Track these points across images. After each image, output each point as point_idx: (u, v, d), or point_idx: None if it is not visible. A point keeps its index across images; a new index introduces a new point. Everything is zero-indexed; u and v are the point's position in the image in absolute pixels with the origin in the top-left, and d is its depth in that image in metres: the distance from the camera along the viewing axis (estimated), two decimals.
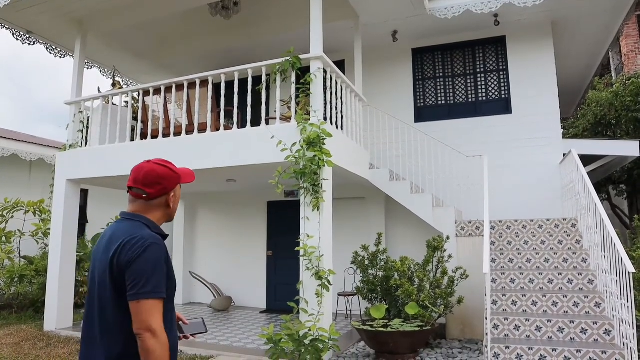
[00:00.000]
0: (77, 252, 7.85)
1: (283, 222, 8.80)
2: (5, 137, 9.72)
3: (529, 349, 4.42)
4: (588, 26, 7.80)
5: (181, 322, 2.02)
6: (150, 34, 8.66)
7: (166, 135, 6.76)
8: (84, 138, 7.37)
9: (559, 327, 4.67)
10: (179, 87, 6.76)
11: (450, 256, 6.06)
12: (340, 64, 8.69)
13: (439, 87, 8.21)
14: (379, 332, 5.11)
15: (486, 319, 4.64)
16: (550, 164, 7.25)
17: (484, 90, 7.92)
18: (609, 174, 9.05)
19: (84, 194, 11.03)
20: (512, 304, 5.13)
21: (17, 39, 7.76)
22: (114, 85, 8.10)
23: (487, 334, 4.56)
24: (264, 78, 5.91)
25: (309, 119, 5.40)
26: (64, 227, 7.02)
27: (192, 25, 8.46)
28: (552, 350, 4.36)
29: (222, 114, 6.17)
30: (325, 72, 5.78)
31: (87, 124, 7.50)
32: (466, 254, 6.28)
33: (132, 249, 1.63)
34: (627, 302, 4.15)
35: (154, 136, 6.90)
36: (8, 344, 6.01)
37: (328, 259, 5.20)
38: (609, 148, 7.26)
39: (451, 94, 8.12)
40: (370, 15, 7.33)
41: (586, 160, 7.17)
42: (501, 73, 7.85)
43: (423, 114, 8.20)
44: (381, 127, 8.04)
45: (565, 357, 4.31)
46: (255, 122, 6.58)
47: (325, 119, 5.67)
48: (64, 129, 7.71)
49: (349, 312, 7.80)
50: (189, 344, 5.83)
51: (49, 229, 7.68)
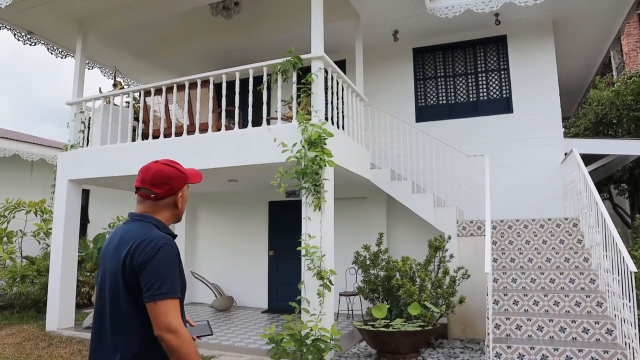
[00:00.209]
0: (79, 252, 7.86)
1: (284, 222, 8.81)
2: (6, 138, 9.74)
3: (531, 349, 4.42)
4: (589, 25, 7.79)
5: (187, 324, 2.02)
6: (150, 34, 8.67)
7: (167, 135, 6.76)
8: (86, 138, 7.38)
9: (561, 327, 4.67)
10: (180, 87, 6.76)
11: (451, 256, 6.07)
12: (341, 64, 8.68)
13: (439, 87, 8.20)
14: (380, 332, 5.11)
15: (488, 318, 4.64)
16: (551, 163, 7.24)
17: (485, 90, 7.92)
18: (611, 173, 9.05)
19: (86, 194, 11.05)
20: (513, 303, 5.13)
21: (19, 40, 7.77)
22: (115, 85, 8.11)
23: (488, 334, 4.57)
24: (265, 78, 5.91)
25: (310, 119, 5.41)
26: (65, 227, 7.03)
27: (193, 25, 8.47)
28: (554, 350, 4.36)
29: (224, 114, 6.17)
30: (326, 72, 5.77)
31: (89, 124, 7.51)
32: (467, 253, 6.28)
33: (144, 250, 1.63)
34: (629, 301, 4.15)
35: (155, 136, 6.91)
36: (10, 344, 6.02)
37: (329, 258, 5.20)
38: (611, 147, 7.26)
39: (452, 94, 8.11)
40: (371, 15, 7.33)
41: (587, 159, 7.16)
42: (502, 72, 7.85)
43: (424, 113, 8.19)
44: (382, 127, 8.04)
45: (567, 356, 4.31)
46: (257, 122, 6.58)
47: (326, 118, 5.67)
48: (64, 129, 7.72)
49: (350, 312, 7.81)
50: None
51: (51, 229, 7.70)
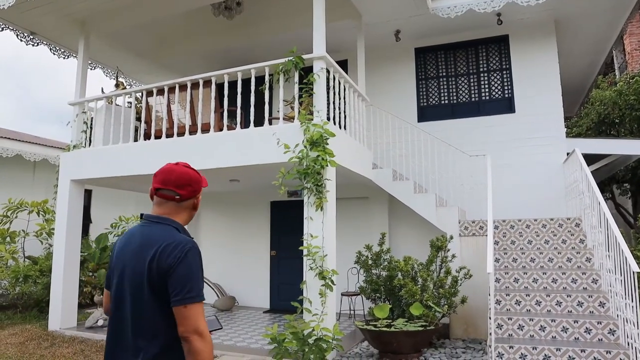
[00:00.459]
0: (81, 252, 7.86)
1: (286, 222, 8.81)
2: (9, 138, 9.77)
3: (533, 349, 4.42)
4: (591, 24, 7.77)
5: None
6: (152, 34, 8.69)
7: (169, 135, 6.77)
8: (88, 138, 7.39)
9: (563, 327, 4.66)
10: (182, 87, 6.76)
11: (453, 256, 6.06)
12: (343, 64, 8.68)
13: (441, 87, 8.20)
14: (382, 332, 5.11)
15: (490, 318, 4.64)
16: (553, 163, 7.23)
17: (487, 90, 7.91)
18: (613, 173, 9.02)
19: (88, 194, 11.07)
20: (515, 303, 5.12)
21: (21, 40, 7.79)
22: (117, 85, 8.12)
23: (490, 334, 4.56)
24: (267, 78, 5.92)
25: (312, 119, 5.41)
26: (67, 227, 7.05)
27: (193, 25, 8.48)
28: (556, 350, 4.35)
29: (226, 114, 6.18)
30: (328, 72, 5.77)
31: (91, 124, 7.52)
32: (470, 253, 6.27)
33: (172, 253, 1.65)
34: (632, 301, 4.14)
35: (157, 136, 6.92)
36: (13, 344, 6.04)
37: (331, 258, 5.20)
38: (613, 147, 7.24)
39: (454, 94, 8.10)
40: (373, 15, 7.32)
41: (590, 159, 7.14)
42: (504, 72, 7.83)
43: (426, 113, 8.19)
44: (384, 127, 8.04)
45: (569, 356, 4.31)
46: (259, 122, 6.58)
47: (328, 118, 5.67)
48: (65, 129, 7.75)
49: (352, 312, 7.81)
50: None
51: (53, 229, 7.71)
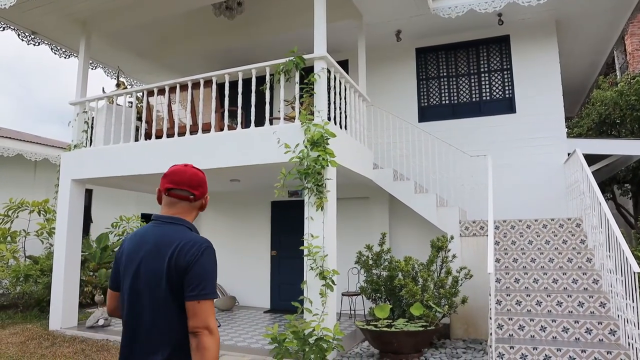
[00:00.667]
0: (82, 251, 7.87)
1: (287, 222, 8.81)
2: (10, 137, 9.77)
3: (534, 349, 4.42)
4: (592, 25, 7.77)
5: None
6: (152, 34, 8.69)
7: (170, 135, 6.78)
8: (89, 138, 7.40)
9: (564, 327, 4.66)
10: (183, 87, 6.76)
11: (454, 256, 6.06)
12: (344, 64, 8.68)
13: (442, 87, 8.19)
14: (383, 332, 5.11)
15: (490, 318, 4.64)
16: (554, 164, 7.22)
17: (488, 90, 7.90)
18: (614, 173, 9.01)
19: (89, 193, 11.08)
20: (516, 303, 5.12)
21: (23, 40, 7.80)
22: (118, 85, 8.12)
23: (491, 334, 4.56)
24: (267, 78, 5.92)
25: (313, 119, 5.41)
26: (68, 227, 7.05)
27: (194, 25, 8.48)
28: (557, 350, 4.35)
29: (226, 114, 6.18)
30: (329, 72, 5.78)
31: (92, 124, 7.53)
32: (470, 253, 6.27)
33: (189, 252, 1.71)
34: (633, 302, 4.14)
35: (158, 136, 6.92)
36: (14, 343, 6.04)
37: (332, 258, 5.20)
38: (614, 147, 7.23)
39: (455, 94, 8.10)
40: (374, 15, 7.32)
41: (591, 159, 7.13)
42: (505, 72, 7.83)
43: (427, 113, 8.19)
44: (385, 127, 8.04)
45: (570, 357, 4.31)
46: (259, 122, 6.59)
47: (329, 118, 5.68)
48: (66, 128, 7.76)
49: (352, 312, 7.80)
50: None
51: (54, 228, 7.71)
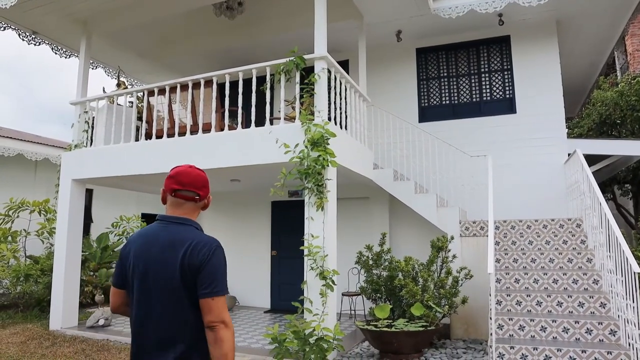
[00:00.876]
0: (82, 251, 7.88)
1: (287, 222, 8.81)
2: (10, 137, 9.78)
3: (534, 349, 4.42)
4: (593, 25, 7.77)
5: None
6: (153, 34, 8.70)
7: (171, 135, 6.78)
8: (89, 138, 7.41)
9: (564, 328, 4.66)
10: (184, 87, 6.77)
11: (454, 256, 6.06)
12: (344, 64, 8.68)
13: (443, 87, 8.19)
14: (383, 332, 5.11)
15: (490, 319, 4.64)
16: (554, 164, 7.22)
17: (488, 90, 7.90)
18: (614, 173, 9.01)
19: (89, 193, 11.08)
20: (516, 304, 5.12)
21: (23, 40, 7.81)
22: (118, 85, 8.13)
23: (491, 334, 4.56)
24: (268, 78, 5.92)
25: (313, 119, 5.41)
26: (69, 227, 7.06)
27: (195, 25, 8.49)
28: (557, 351, 4.35)
29: (227, 114, 6.18)
30: (329, 72, 5.78)
31: (92, 124, 7.53)
32: (470, 254, 6.27)
33: (201, 252, 1.80)
34: (633, 302, 4.14)
35: (159, 136, 6.92)
36: (14, 343, 6.05)
37: (332, 258, 5.20)
38: (614, 148, 7.23)
39: (455, 94, 8.10)
40: (374, 15, 7.32)
41: (591, 160, 7.13)
42: (505, 73, 7.83)
43: (427, 113, 8.19)
44: (385, 127, 8.04)
45: (570, 357, 4.31)
46: (260, 122, 6.59)
47: (329, 119, 5.68)
48: (66, 128, 7.76)
49: (353, 312, 7.80)
50: None
51: (54, 228, 7.72)
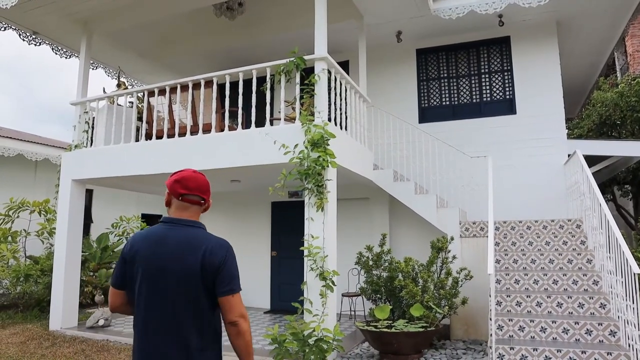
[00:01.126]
0: (82, 251, 7.88)
1: (287, 223, 8.81)
2: (10, 137, 9.78)
3: (534, 350, 4.42)
4: (593, 26, 7.78)
5: None
6: (153, 34, 8.70)
7: (171, 135, 6.78)
8: (89, 138, 7.41)
9: (564, 328, 4.66)
10: (184, 87, 6.77)
11: (454, 257, 6.06)
12: (344, 65, 8.69)
13: (443, 88, 8.20)
14: (383, 333, 5.11)
15: (490, 319, 4.64)
16: (554, 165, 7.23)
17: (488, 91, 7.91)
18: (614, 174, 9.02)
19: (89, 193, 11.08)
20: (516, 304, 5.12)
21: (24, 40, 7.81)
22: (119, 85, 8.13)
23: (491, 335, 4.56)
24: (268, 78, 5.92)
25: (313, 120, 5.41)
26: (69, 227, 7.05)
27: (195, 25, 8.49)
28: (557, 351, 4.35)
29: (227, 114, 6.19)
30: (329, 72, 5.78)
31: (93, 124, 7.53)
32: (470, 254, 6.27)
33: (218, 253, 1.92)
34: (633, 303, 4.14)
35: (159, 137, 6.92)
36: (14, 343, 6.05)
37: (332, 259, 5.20)
38: (614, 148, 7.23)
39: (455, 95, 8.10)
40: (375, 16, 7.33)
41: (591, 160, 7.14)
42: (505, 73, 7.84)
43: (427, 114, 8.19)
44: (385, 128, 8.04)
45: (570, 357, 4.31)
46: (260, 123, 6.59)
47: (329, 119, 5.69)
48: (67, 128, 7.76)
49: (352, 313, 7.80)
50: None
51: (54, 228, 7.72)
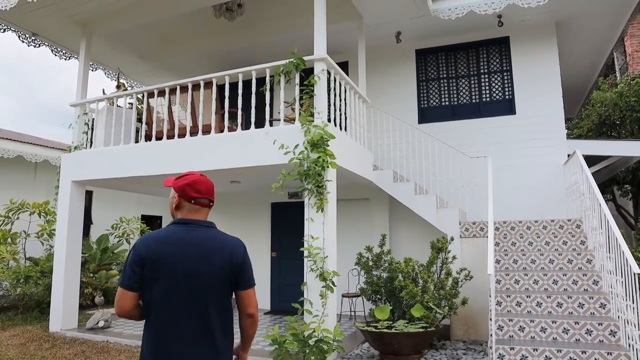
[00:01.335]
0: (82, 253, 7.88)
1: (287, 223, 8.81)
2: (10, 139, 9.77)
3: (534, 350, 4.42)
4: (592, 26, 7.78)
5: None
6: (153, 35, 8.70)
7: (170, 136, 6.78)
8: (89, 140, 7.41)
9: (564, 328, 4.66)
10: (183, 88, 6.77)
11: (454, 257, 6.06)
12: (344, 65, 8.69)
13: (442, 88, 8.20)
14: (383, 333, 5.11)
15: (490, 320, 4.64)
16: (554, 165, 7.23)
17: (487, 91, 7.91)
18: (614, 174, 9.02)
19: (89, 195, 11.08)
20: (516, 305, 5.12)
21: (23, 41, 7.81)
22: (118, 87, 8.13)
23: (491, 335, 4.56)
24: (267, 79, 5.92)
25: (313, 121, 5.41)
26: (69, 228, 7.05)
27: (195, 27, 8.49)
28: (557, 352, 4.35)
29: (226, 115, 6.19)
30: (329, 73, 5.78)
31: (92, 125, 7.53)
32: (470, 255, 6.27)
33: (239, 251, 2.09)
34: (633, 303, 4.14)
35: (159, 138, 6.93)
36: (14, 345, 6.04)
37: (332, 260, 5.20)
38: (614, 148, 7.24)
39: (455, 95, 8.11)
40: (374, 16, 7.34)
41: (590, 160, 7.15)
42: (505, 74, 7.84)
43: (427, 115, 8.19)
44: (385, 129, 8.04)
45: (570, 358, 4.31)
46: (260, 124, 6.60)
47: (329, 120, 5.69)
48: (67, 129, 7.76)
49: (353, 314, 7.80)
50: None
51: (54, 230, 7.72)
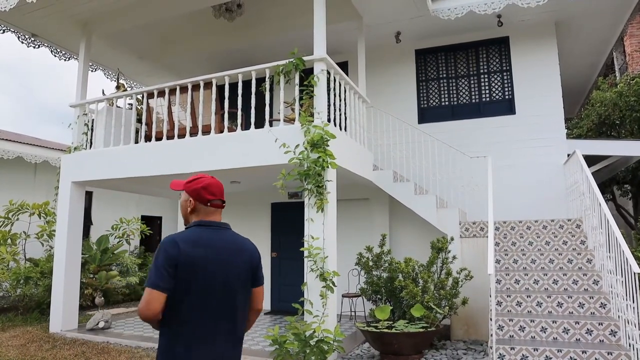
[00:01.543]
0: (82, 253, 7.87)
1: (287, 224, 8.81)
2: (10, 140, 9.77)
3: (534, 350, 4.42)
4: (592, 26, 7.79)
5: None
6: (152, 36, 8.71)
7: (170, 137, 6.78)
8: (89, 140, 7.40)
9: (564, 328, 4.66)
10: (183, 89, 6.77)
11: (454, 257, 6.06)
12: (344, 65, 8.69)
13: (442, 88, 8.21)
14: (383, 333, 5.11)
15: (491, 319, 4.64)
16: (554, 165, 7.23)
17: (487, 91, 7.91)
18: (614, 174, 9.02)
19: (89, 195, 11.07)
20: (516, 304, 5.12)
21: (22, 42, 7.81)
22: (118, 87, 8.13)
23: (491, 335, 4.56)
24: (267, 80, 5.92)
25: (313, 121, 5.41)
26: (69, 229, 7.05)
27: (194, 27, 8.49)
28: (558, 351, 4.35)
29: (226, 115, 6.19)
30: (328, 73, 5.78)
31: (92, 126, 7.53)
32: (470, 255, 6.27)
33: (256, 252, 2.26)
34: (633, 302, 4.15)
35: (158, 138, 6.92)
36: (14, 346, 6.04)
37: (332, 260, 5.20)
38: (614, 148, 7.24)
39: (455, 95, 8.11)
40: (374, 17, 7.34)
41: (590, 160, 7.14)
42: (505, 74, 7.84)
43: (426, 115, 8.19)
44: (385, 129, 8.04)
45: (570, 357, 4.31)
46: (259, 124, 6.59)
47: (328, 120, 5.69)
48: (66, 130, 7.76)
49: (353, 314, 7.80)
50: None
51: (54, 231, 7.71)
